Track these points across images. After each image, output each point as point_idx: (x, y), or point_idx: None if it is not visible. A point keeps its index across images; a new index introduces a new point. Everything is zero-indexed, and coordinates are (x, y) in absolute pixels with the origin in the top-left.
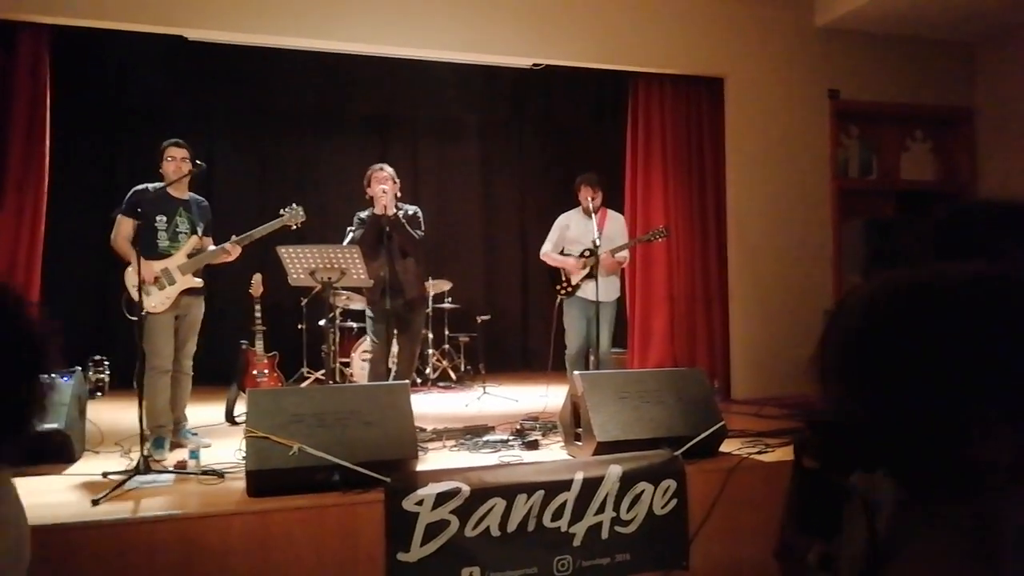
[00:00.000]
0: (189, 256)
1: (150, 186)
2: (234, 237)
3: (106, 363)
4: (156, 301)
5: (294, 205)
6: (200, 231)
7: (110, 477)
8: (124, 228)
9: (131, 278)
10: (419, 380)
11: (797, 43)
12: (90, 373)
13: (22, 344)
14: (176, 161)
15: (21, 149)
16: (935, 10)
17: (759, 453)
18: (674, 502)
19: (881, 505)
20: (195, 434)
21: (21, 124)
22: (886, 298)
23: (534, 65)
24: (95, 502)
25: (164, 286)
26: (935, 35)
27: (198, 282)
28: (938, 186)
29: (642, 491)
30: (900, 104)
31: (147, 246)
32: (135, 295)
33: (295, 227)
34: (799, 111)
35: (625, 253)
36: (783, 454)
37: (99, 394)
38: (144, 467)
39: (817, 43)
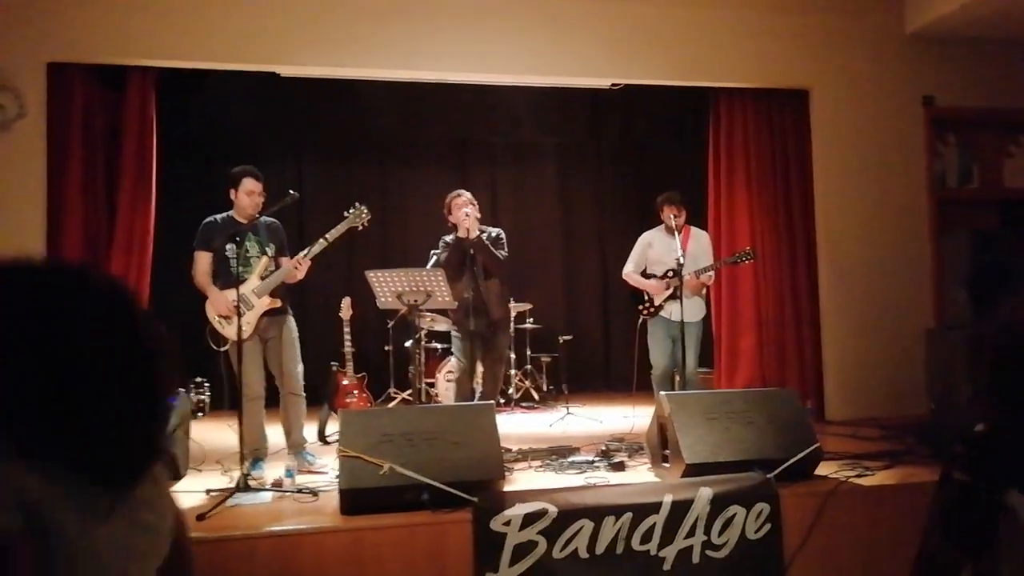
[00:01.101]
0: (262, 278)
1: (218, 217)
2: (301, 253)
3: (206, 384)
4: (234, 330)
5: (357, 204)
6: (271, 252)
7: (212, 494)
8: (202, 263)
9: (211, 311)
10: (502, 400)
11: (886, 51)
12: (192, 394)
13: (153, 359)
14: (254, 195)
15: (132, 182)
16: None
17: (858, 476)
18: (768, 527)
19: None
20: (312, 456)
21: (130, 158)
22: None
23: (613, 85)
24: (200, 517)
25: (243, 312)
26: None
27: (276, 302)
28: None
29: (734, 515)
30: (1000, 109)
31: (222, 276)
32: (217, 327)
33: (361, 227)
34: (891, 121)
35: (710, 273)
36: (884, 477)
37: (200, 414)
38: (244, 485)
39: (908, 50)
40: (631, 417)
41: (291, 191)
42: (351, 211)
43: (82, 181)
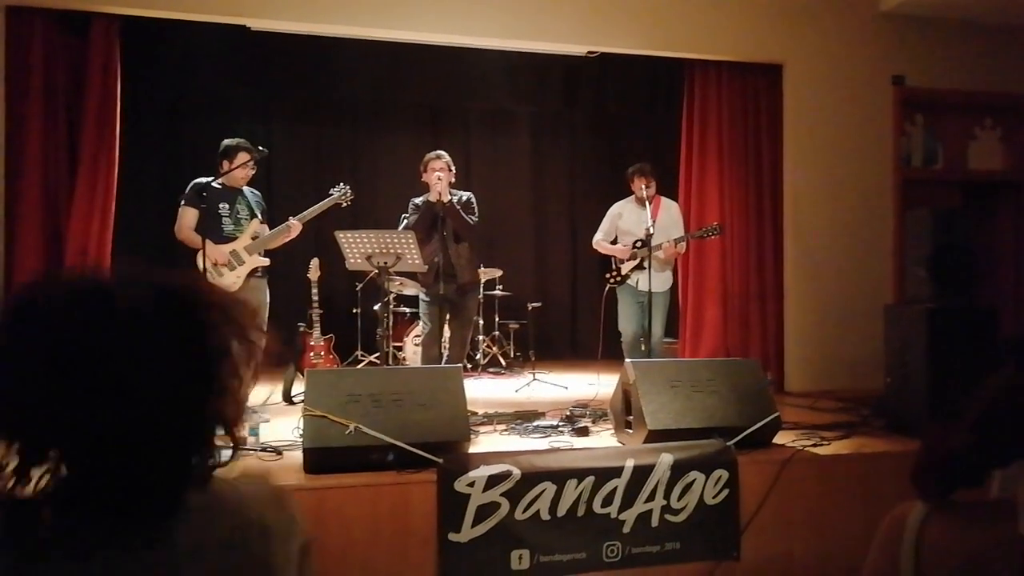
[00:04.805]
0: (253, 238)
1: (209, 179)
2: (292, 217)
3: None
4: (228, 282)
5: (342, 185)
6: (259, 216)
7: None
8: (188, 218)
9: (206, 260)
10: (469, 366)
11: (859, 28)
12: None
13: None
14: (247, 168)
15: (93, 134)
16: None
17: (814, 446)
18: (726, 492)
19: None
20: (255, 412)
21: (93, 110)
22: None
23: (589, 53)
24: None
25: (234, 267)
26: (1005, 20)
27: (265, 261)
28: (1007, 176)
29: (693, 480)
30: (968, 91)
31: (213, 232)
32: (210, 277)
33: (344, 204)
34: (861, 98)
35: (682, 244)
36: (839, 447)
37: None
38: None
39: (880, 28)
40: (596, 384)
41: (260, 147)
42: (336, 189)
43: (42, 131)
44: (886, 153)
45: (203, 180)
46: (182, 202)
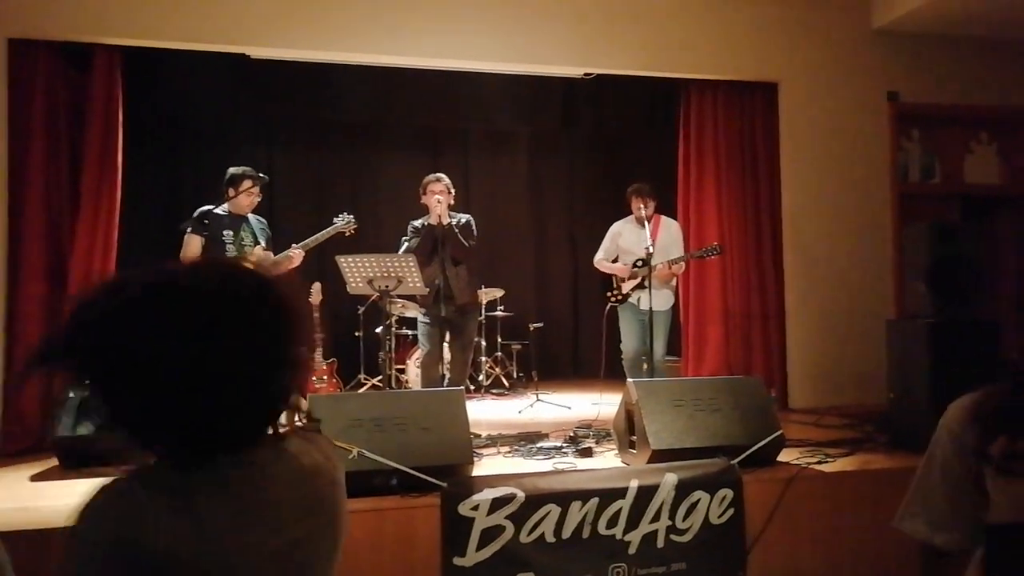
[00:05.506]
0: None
1: (214, 207)
2: (294, 245)
3: None
4: None
5: (345, 214)
6: (264, 244)
7: None
8: (193, 246)
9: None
10: (472, 387)
11: (853, 46)
12: None
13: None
14: (252, 196)
15: (95, 163)
16: (998, 8)
17: (819, 463)
18: (731, 511)
19: None
20: None
21: (95, 139)
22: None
23: (585, 74)
24: None
25: None
26: (999, 35)
27: None
28: (1004, 189)
29: (698, 500)
30: (964, 106)
31: None
32: None
33: (348, 234)
34: (857, 115)
35: (681, 264)
36: (843, 464)
37: None
38: None
39: (874, 45)
40: (599, 404)
41: (260, 174)
42: (339, 218)
43: (45, 162)
44: (883, 168)
45: (207, 207)
46: (188, 229)
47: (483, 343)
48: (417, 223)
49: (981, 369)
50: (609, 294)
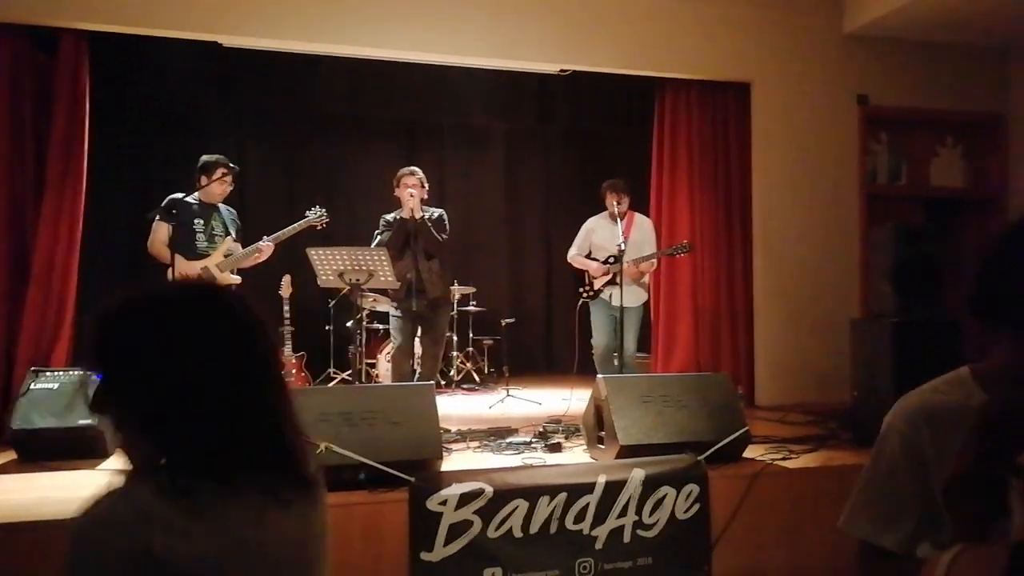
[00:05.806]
0: (225, 256)
1: (184, 195)
2: (265, 237)
3: None
4: None
5: (317, 207)
6: (234, 235)
7: None
8: (160, 233)
9: (171, 278)
10: (443, 382)
11: (825, 49)
12: None
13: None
14: (225, 184)
15: (61, 151)
16: (966, 15)
17: (783, 459)
18: (697, 507)
19: None
20: None
21: (61, 126)
22: None
23: (561, 71)
24: None
25: None
26: (967, 40)
27: (236, 279)
28: (969, 193)
29: (665, 495)
30: (930, 110)
31: (186, 248)
32: None
33: (320, 227)
34: (827, 117)
35: (652, 261)
36: (807, 460)
37: None
38: None
39: (845, 49)
40: (569, 400)
41: (231, 164)
42: (311, 211)
43: (8, 149)
44: (852, 170)
45: (178, 196)
46: (156, 217)
47: (455, 338)
48: (389, 217)
49: (943, 368)
50: (581, 290)
